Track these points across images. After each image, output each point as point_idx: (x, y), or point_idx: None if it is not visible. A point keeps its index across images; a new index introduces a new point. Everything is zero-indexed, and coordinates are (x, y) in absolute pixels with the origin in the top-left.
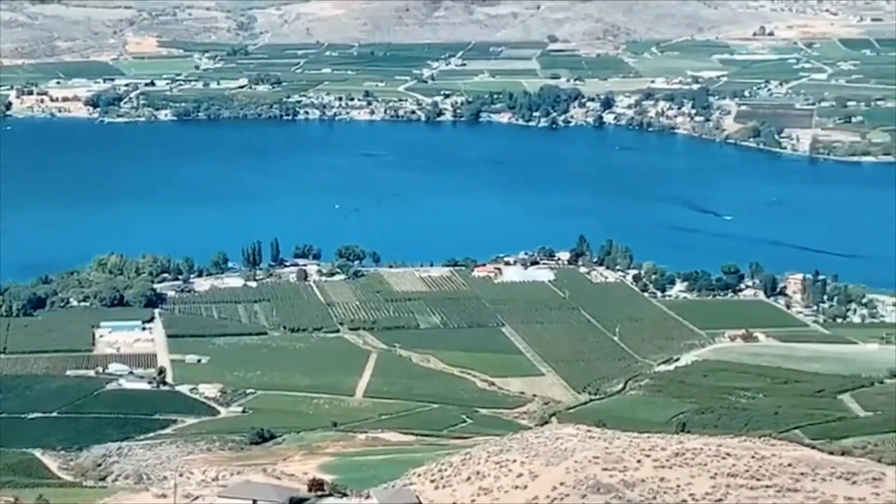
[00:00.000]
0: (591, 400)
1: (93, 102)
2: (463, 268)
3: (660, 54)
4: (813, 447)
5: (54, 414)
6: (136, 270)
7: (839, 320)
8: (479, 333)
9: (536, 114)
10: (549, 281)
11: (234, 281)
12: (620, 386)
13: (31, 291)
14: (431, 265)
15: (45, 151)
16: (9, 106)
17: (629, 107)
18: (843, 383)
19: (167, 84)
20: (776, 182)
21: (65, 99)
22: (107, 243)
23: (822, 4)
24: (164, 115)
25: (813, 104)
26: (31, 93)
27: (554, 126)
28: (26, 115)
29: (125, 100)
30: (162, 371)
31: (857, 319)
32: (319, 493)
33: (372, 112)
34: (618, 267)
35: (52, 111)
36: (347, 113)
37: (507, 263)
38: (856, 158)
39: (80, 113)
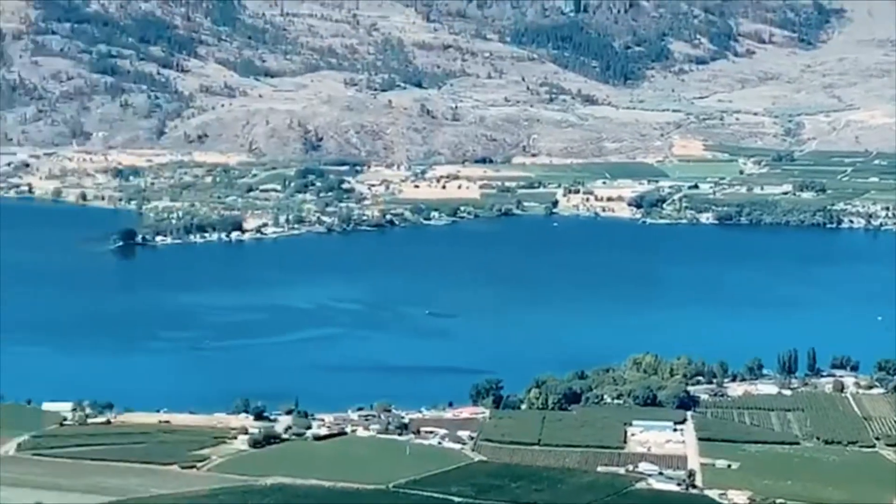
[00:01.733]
0: None
1: (636, 203)
2: None
3: None
4: None
5: None
6: (670, 371)
7: None
8: None
9: None
10: None
11: (767, 388)
12: None
13: (567, 386)
14: None
15: (588, 249)
16: (555, 203)
17: None
18: None
19: (710, 187)
20: None
21: (609, 199)
22: (642, 343)
23: None
24: (706, 218)
25: None
26: (577, 191)
27: None
28: (571, 213)
29: (668, 202)
30: (692, 474)
31: None
32: None
33: None
34: None
35: (596, 210)
36: (895, 223)
37: None
38: None
39: (623, 213)
